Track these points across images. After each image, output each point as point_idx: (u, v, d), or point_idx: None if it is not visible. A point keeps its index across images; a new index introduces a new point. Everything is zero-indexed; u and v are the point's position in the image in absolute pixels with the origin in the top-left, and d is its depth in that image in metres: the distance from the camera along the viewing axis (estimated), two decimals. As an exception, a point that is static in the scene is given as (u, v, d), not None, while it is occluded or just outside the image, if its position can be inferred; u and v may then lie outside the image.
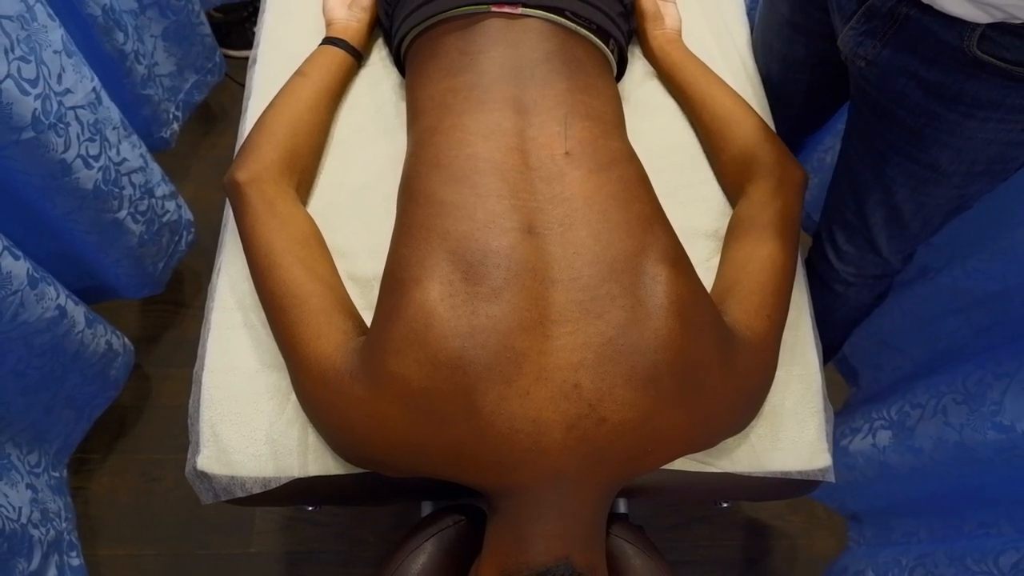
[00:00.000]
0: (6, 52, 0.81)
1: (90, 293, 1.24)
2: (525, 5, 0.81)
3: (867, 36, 0.74)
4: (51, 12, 0.90)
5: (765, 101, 0.98)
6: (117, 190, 1.07)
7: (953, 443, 0.88)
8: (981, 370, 0.86)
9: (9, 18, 0.82)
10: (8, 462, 1.05)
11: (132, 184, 1.11)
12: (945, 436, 0.89)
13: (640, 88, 0.96)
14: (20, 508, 1.01)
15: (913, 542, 1.03)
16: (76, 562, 1.16)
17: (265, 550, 1.30)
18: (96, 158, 1.01)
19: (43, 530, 1.06)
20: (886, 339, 1.10)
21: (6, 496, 1.00)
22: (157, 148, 1.36)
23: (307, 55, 0.90)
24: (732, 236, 0.82)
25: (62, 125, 0.92)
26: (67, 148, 0.94)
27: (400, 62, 0.91)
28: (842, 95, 1.04)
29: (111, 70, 1.18)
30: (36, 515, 1.05)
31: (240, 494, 0.71)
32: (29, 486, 1.07)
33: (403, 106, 0.89)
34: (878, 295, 1.08)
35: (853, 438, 1.12)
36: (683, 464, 0.74)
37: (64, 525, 1.14)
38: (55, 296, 0.99)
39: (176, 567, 1.28)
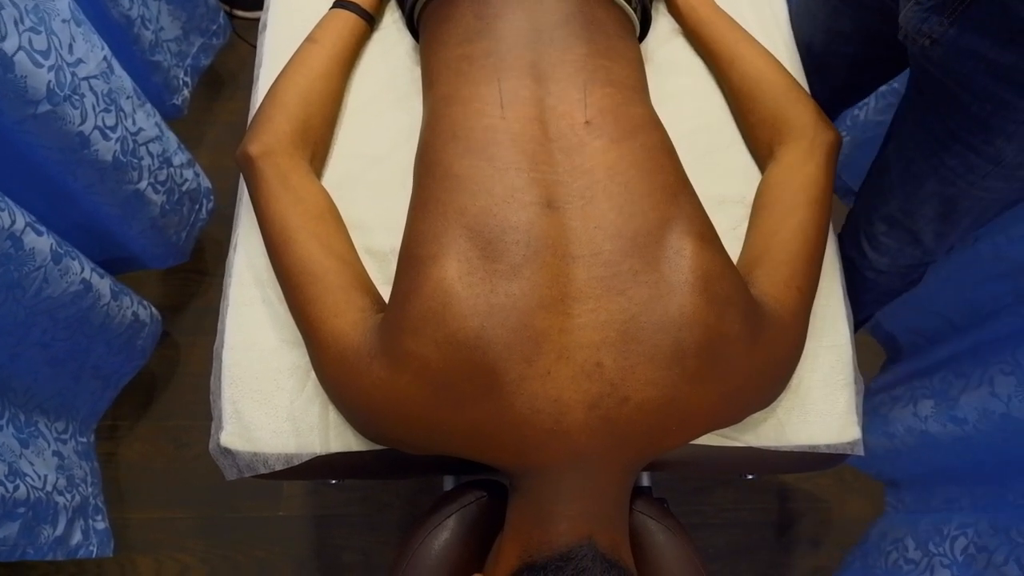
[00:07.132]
0: (16, 23, 0.80)
1: (116, 264, 1.24)
2: None
3: (934, 12, 0.67)
4: (55, -21, 0.88)
5: (798, 60, 0.92)
6: (136, 160, 1.07)
7: (1000, 414, 0.86)
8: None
9: (15, -13, 0.81)
10: (36, 430, 1.07)
11: (150, 154, 1.10)
12: (991, 407, 0.87)
13: (665, 47, 0.91)
14: (45, 476, 1.03)
15: (955, 510, 1.01)
16: (101, 526, 1.18)
17: (293, 513, 1.33)
18: (113, 129, 1.00)
19: (68, 496, 1.08)
20: (924, 304, 1.07)
21: (32, 465, 1.01)
22: (170, 116, 1.35)
23: (318, 19, 0.87)
24: (761, 203, 0.79)
25: (77, 97, 0.91)
26: (84, 120, 0.93)
27: (413, 26, 0.88)
28: (890, 71, 0.97)
29: (119, 37, 1.16)
30: (62, 482, 1.07)
31: (263, 470, 0.71)
32: (55, 453, 1.09)
33: (418, 72, 0.86)
34: (911, 282, 1.02)
35: (893, 407, 1.09)
36: (708, 439, 0.73)
37: (90, 490, 1.16)
38: (79, 270, 0.99)
39: (208, 530, 1.32)
